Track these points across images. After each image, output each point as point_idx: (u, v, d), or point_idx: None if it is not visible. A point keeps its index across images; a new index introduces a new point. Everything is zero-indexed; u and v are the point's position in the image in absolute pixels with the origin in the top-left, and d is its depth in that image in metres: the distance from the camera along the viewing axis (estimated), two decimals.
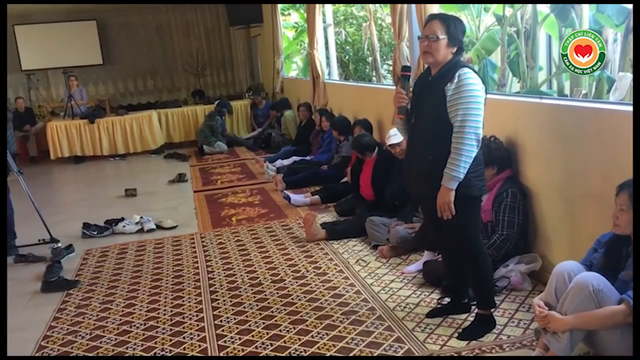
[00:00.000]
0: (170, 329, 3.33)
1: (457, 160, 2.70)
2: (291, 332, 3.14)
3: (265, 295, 3.68)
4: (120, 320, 3.53)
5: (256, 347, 3.00)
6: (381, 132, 5.35)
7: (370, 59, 11.97)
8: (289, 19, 12.90)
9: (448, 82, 2.74)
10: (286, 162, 7.60)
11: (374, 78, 11.40)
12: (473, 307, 3.12)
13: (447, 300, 3.29)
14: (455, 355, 2.77)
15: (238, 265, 4.27)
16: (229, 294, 3.75)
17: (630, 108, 2.84)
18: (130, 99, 13.27)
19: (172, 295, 3.84)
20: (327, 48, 9.03)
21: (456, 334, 2.96)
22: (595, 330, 2.38)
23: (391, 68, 5.63)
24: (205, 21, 13.51)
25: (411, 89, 3.00)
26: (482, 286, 3.01)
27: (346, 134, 6.44)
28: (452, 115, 2.72)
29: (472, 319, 3.06)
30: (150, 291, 3.95)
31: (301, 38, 12.03)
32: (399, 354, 2.80)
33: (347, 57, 12.59)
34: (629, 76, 4.53)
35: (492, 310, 3.03)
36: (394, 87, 5.40)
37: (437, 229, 3.08)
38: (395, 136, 4.56)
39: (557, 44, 7.59)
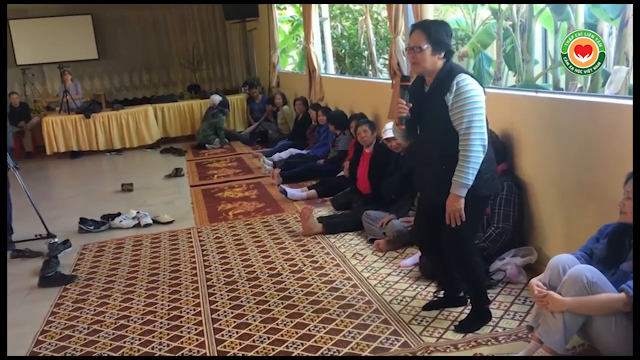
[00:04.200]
0: (168, 323, 3.34)
1: (465, 168, 2.72)
2: (288, 325, 3.16)
3: (263, 289, 3.69)
4: (118, 314, 3.54)
5: (253, 341, 3.02)
6: (377, 126, 5.36)
7: (366, 52, 11.96)
8: (284, 13, 12.86)
9: (447, 92, 2.75)
10: (284, 154, 7.60)
11: (370, 72, 11.39)
12: (469, 301, 3.13)
13: (443, 293, 3.31)
14: (452, 346, 2.79)
15: (235, 260, 4.28)
16: (226, 288, 3.77)
17: (625, 101, 2.85)
18: (126, 94, 13.22)
19: (169, 289, 3.85)
20: (323, 42, 9.01)
21: (452, 327, 2.98)
22: (589, 321, 2.41)
23: (387, 62, 5.63)
24: (200, 15, 13.47)
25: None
26: (474, 285, 3.02)
27: (343, 128, 6.44)
28: (457, 124, 2.74)
29: (468, 311, 3.08)
30: (147, 286, 3.95)
31: (297, 32, 12.01)
32: (396, 347, 2.82)
33: (343, 51, 12.57)
34: (624, 69, 4.55)
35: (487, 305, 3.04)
36: (390, 81, 5.42)
37: (428, 227, 3.04)
38: (390, 130, 4.57)
39: (552, 37, 7.60)
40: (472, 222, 2.89)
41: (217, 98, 10.21)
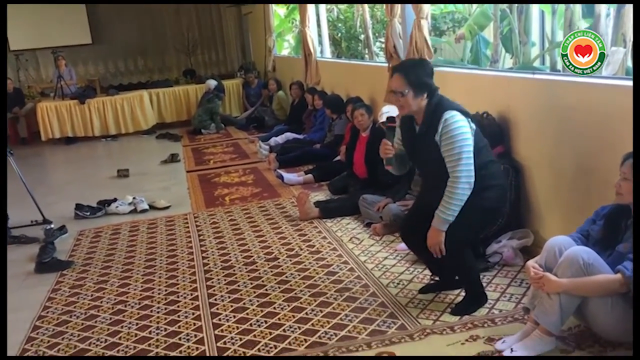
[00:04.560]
0: (165, 308, 3.34)
1: (449, 204, 2.78)
2: (285, 309, 3.16)
3: (259, 273, 3.69)
4: (115, 300, 3.54)
5: (251, 325, 3.02)
6: (374, 110, 5.34)
7: (362, 36, 11.88)
8: None
9: (435, 133, 2.80)
10: (280, 139, 7.58)
11: (366, 55, 11.32)
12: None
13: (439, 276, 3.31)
14: (448, 328, 2.80)
15: (232, 245, 4.27)
16: (223, 272, 3.77)
17: (623, 82, 2.84)
18: (121, 79, 13.12)
19: (166, 274, 3.85)
20: (319, 26, 8.94)
21: (449, 309, 2.98)
22: (585, 302, 2.41)
23: (383, 45, 5.59)
24: None
25: (399, 139, 3.08)
26: (465, 278, 3.03)
27: (339, 112, 6.42)
28: (447, 162, 2.79)
29: (464, 294, 3.09)
30: (144, 271, 3.95)
31: (293, 15, 11.89)
32: (392, 330, 2.83)
33: (339, 35, 12.48)
34: (621, 51, 4.53)
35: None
36: (387, 64, 5.38)
37: (417, 228, 3.02)
38: (387, 113, 4.54)
39: (550, 19, 7.55)
40: (470, 231, 2.90)
41: (212, 83, 10.14)
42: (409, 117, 2.97)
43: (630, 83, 2.83)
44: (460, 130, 2.75)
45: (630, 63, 4.49)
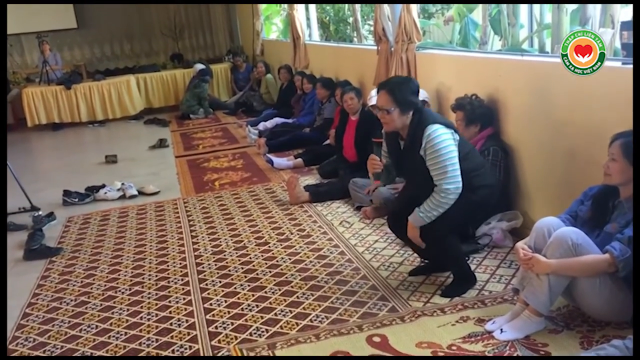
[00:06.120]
0: (156, 294, 3.33)
1: (432, 210, 2.85)
2: (276, 293, 3.17)
3: (250, 258, 3.69)
4: (105, 286, 3.53)
5: (242, 309, 3.02)
6: (363, 93, 5.32)
7: (351, 19, 11.79)
8: None
9: (419, 147, 2.84)
10: (269, 124, 7.54)
11: (355, 38, 11.25)
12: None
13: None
14: (439, 310, 2.82)
15: (222, 230, 4.26)
16: (214, 257, 3.76)
17: (611, 64, 2.84)
18: (107, 64, 12.95)
19: (156, 260, 3.84)
20: (307, 9, 8.86)
21: (439, 291, 3.00)
22: (574, 282, 2.44)
23: (372, 28, 5.56)
24: None
25: (385, 151, 3.13)
26: (452, 263, 3.05)
27: (331, 89, 6.35)
28: (433, 175, 2.84)
29: (453, 277, 3.11)
30: (134, 257, 3.94)
31: None
32: (384, 312, 2.85)
33: (327, 18, 12.39)
34: (609, 32, 4.52)
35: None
36: (375, 48, 5.36)
37: (403, 216, 3.04)
38: (376, 97, 4.53)
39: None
40: (452, 221, 2.90)
41: (198, 66, 10.06)
42: (394, 133, 3.01)
43: (619, 64, 2.85)
44: (444, 143, 2.80)
45: (618, 44, 4.49)
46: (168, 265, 3.73)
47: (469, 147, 3.02)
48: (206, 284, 3.38)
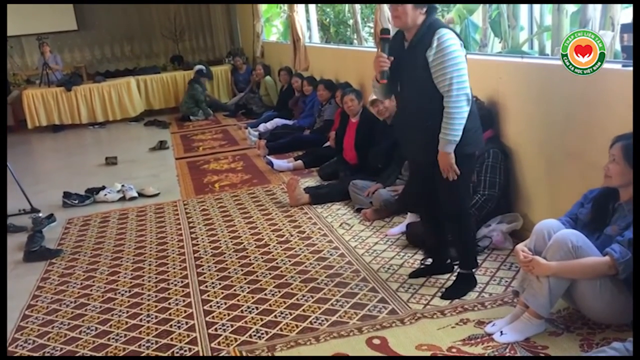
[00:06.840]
0: (156, 295, 3.33)
1: (451, 124, 2.73)
2: (276, 295, 3.17)
3: (250, 260, 3.69)
4: (105, 287, 3.53)
5: (242, 311, 3.02)
6: (364, 95, 5.32)
7: (351, 21, 11.80)
8: None
9: (427, 48, 2.73)
10: (269, 125, 7.54)
11: (355, 40, 11.26)
12: (455, 267, 3.16)
13: (429, 261, 3.33)
14: (439, 312, 2.81)
15: (222, 231, 4.26)
16: (214, 259, 3.76)
17: (611, 66, 2.84)
18: (108, 66, 12.95)
19: (156, 262, 3.84)
20: (307, 10, 8.87)
21: (439, 294, 3.00)
22: (574, 285, 2.43)
23: (372, 30, 5.56)
24: None
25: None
26: (465, 246, 3.05)
27: (332, 90, 6.35)
28: (439, 81, 2.73)
29: (454, 278, 3.11)
30: (134, 259, 3.94)
31: None
32: (383, 314, 2.84)
33: (327, 20, 12.40)
34: (609, 34, 4.51)
35: (473, 270, 3.07)
36: (375, 50, 5.35)
37: (423, 190, 3.07)
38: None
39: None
40: (464, 180, 2.90)
41: (196, 67, 10.06)
42: (400, 34, 2.92)
43: (619, 67, 2.85)
44: (456, 53, 2.71)
45: (618, 47, 4.49)
46: (168, 267, 3.72)
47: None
48: (206, 286, 3.38)
